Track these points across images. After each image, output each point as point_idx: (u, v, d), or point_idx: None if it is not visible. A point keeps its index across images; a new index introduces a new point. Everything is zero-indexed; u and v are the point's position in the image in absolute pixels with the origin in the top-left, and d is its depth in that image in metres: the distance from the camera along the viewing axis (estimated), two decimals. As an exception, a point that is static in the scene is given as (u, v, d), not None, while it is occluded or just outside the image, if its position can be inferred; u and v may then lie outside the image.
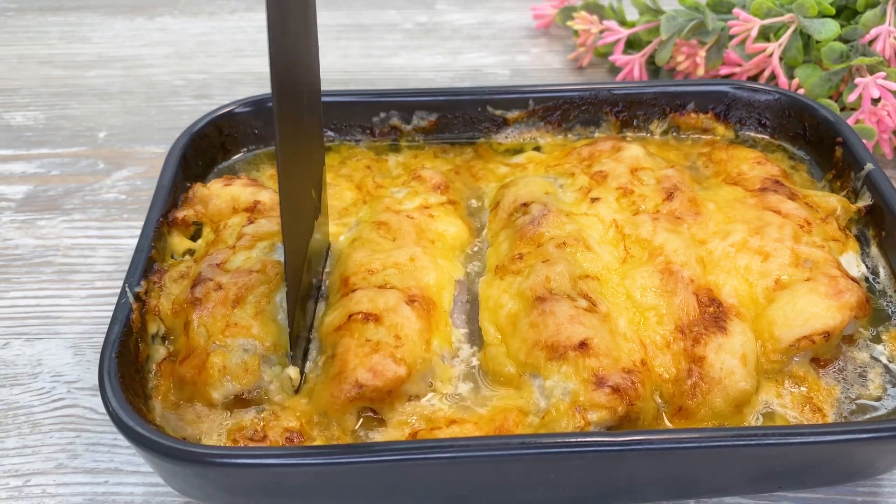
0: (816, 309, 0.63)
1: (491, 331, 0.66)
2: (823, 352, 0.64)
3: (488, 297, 0.68)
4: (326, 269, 0.72)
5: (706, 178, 0.80)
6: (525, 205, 0.74)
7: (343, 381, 0.59)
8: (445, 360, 0.64)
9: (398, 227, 0.72)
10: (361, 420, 0.61)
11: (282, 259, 0.66)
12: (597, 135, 0.87)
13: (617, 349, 0.61)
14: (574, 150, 0.83)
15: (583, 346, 0.60)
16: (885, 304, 0.69)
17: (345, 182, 0.81)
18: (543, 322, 0.62)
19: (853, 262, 0.71)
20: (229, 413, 0.61)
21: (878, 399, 0.63)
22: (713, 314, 0.63)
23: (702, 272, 0.66)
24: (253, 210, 0.73)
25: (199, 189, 0.75)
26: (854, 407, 0.62)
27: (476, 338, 0.67)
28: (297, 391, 0.62)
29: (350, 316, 0.63)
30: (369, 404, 0.60)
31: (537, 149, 0.86)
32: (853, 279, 0.66)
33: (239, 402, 0.62)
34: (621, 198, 0.74)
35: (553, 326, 0.62)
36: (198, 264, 0.69)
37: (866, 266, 0.72)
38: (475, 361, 0.65)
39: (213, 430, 0.60)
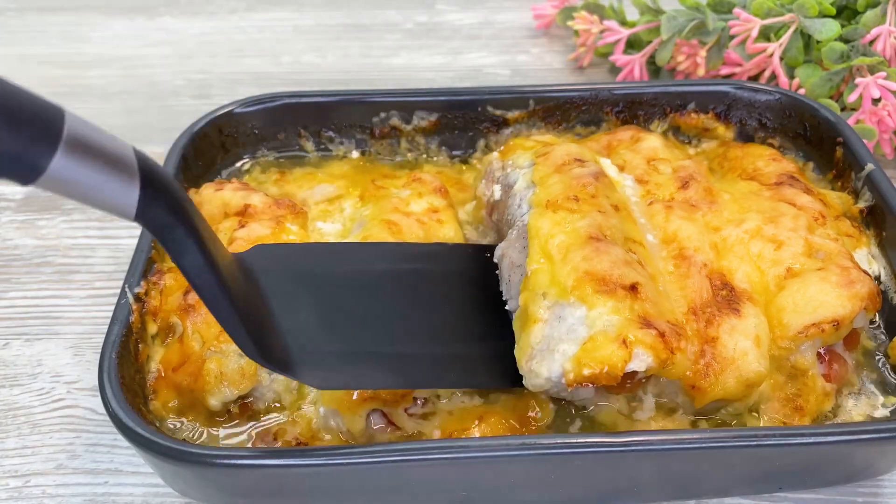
0: (827, 297, 0.62)
1: (536, 256, 0.63)
2: (831, 342, 0.64)
3: (538, 227, 0.65)
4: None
5: (722, 176, 0.80)
6: (580, 160, 0.72)
7: None
8: None
9: (408, 230, 0.72)
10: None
11: None
12: (597, 135, 0.86)
13: (661, 304, 0.61)
14: (592, 138, 0.82)
15: (633, 288, 0.59)
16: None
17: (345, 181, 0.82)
18: (598, 257, 0.61)
19: (864, 258, 0.70)
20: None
21: (880, 398, 0.63)
22: (726, 297, 0.63)
23: (715, 257, 0.66)
24: (244, 214, 0.72)
25: (191, 196, 0.75)
26: (855, 405, 0.62)
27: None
28: None
29: None
30: (382, 406, 0.61)
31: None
32: (865, 273, 0.66)
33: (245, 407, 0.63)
34: (637, 186, 0.74)
35: (608, 262, 0.61)
36: None
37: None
38: None
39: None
